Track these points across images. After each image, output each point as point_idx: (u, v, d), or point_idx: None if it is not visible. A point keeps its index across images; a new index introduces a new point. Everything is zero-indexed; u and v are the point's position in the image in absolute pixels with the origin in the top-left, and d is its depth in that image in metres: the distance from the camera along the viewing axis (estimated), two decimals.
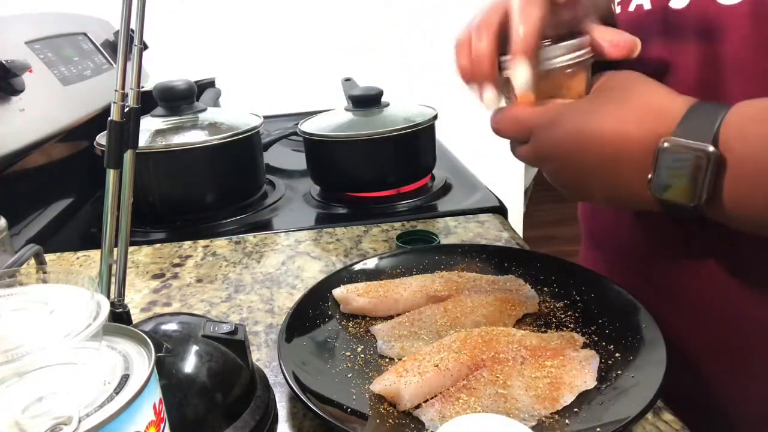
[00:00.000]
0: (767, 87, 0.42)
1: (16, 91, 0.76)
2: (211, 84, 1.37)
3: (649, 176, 0.40)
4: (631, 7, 0.51)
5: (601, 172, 0.43)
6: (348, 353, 0.51)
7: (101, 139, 0.88)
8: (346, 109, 0.94)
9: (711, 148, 0.37)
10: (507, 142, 0.50)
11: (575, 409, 0.42)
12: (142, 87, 0.42)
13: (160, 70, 1.29)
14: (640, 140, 0.40)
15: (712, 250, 0.50)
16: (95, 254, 0.78)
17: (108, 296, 0.41)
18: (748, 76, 0.44)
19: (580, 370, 0.45)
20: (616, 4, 0.54)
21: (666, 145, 0.38)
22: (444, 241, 0.74)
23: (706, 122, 0.38)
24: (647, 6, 0.50)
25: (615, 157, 0.41)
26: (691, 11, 0.46)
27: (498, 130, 0.49)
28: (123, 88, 0.39)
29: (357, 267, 0.62)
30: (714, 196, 0.38)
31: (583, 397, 0.43)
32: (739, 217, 0.39)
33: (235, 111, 0.97)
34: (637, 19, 0.51)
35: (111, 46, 1.20)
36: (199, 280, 0.69)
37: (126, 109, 0.40)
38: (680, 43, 0.47)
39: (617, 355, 0.47)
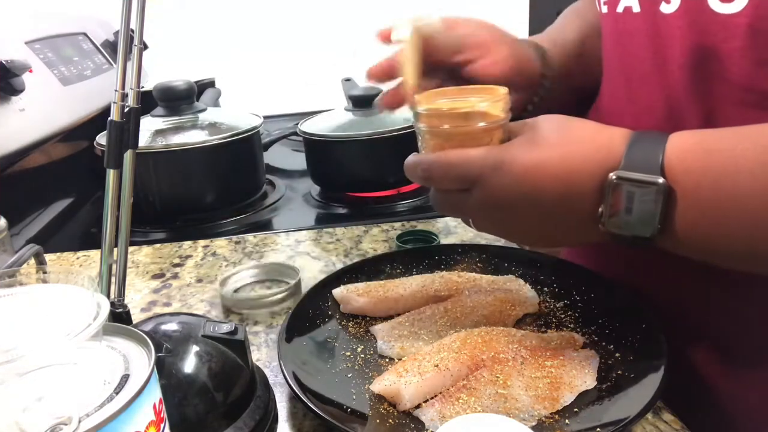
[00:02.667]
0: (759, 102, 0.42)
1: (16, 91, 0.77)
2: (211, 84, 1.37)
3: (600, 210, 0.40)
4: (620, 8, 0.50)
5: (553, 211, 0.42)
6: (348, 353, 0.51)
7: (101, 139, 0.88)
8: (346, 109, 0.94)
9: (661, 180, 0.38)
10: None
11: (575, 409, 0.42)
12: (142, 87, 0.42)
13: (160, 70, 1.29)
14: (588, 175, 0.40)
15: None
16: (95, 254, 0.78)
17: (108, 296, 0.41)
18: (740, 89, 0.43)
19: (580, 370, 0.45)
20: (602, 3, 0.54)
21: (614, 178, 0.39)
22: (444, 241, 0.74)
23: (651, 154, 0.39)
24: (636, 9, 0.49)
25: (565, 194, 0.41)
26: (682, 16, 0.44)
27: (431, 179, 0.44)
28: (123, 88, 0.39)
29: (357, 267, 0.62)
30: (666, 227, 0.39)
31: (583, 397, 0.43)
32: (690, 247, 0.40)
33: (235, 111, 0.97)
34: (625, 22, 0.50)
35: (111, 46, 1.20)
36: (199, 280, 0.69)
37: (126, 109, 0.40)
38: (668, 49, 0.46)
39: (617, 355, 0.47)
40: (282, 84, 1.66)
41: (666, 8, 0.46)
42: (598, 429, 0.39)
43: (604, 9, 0.53)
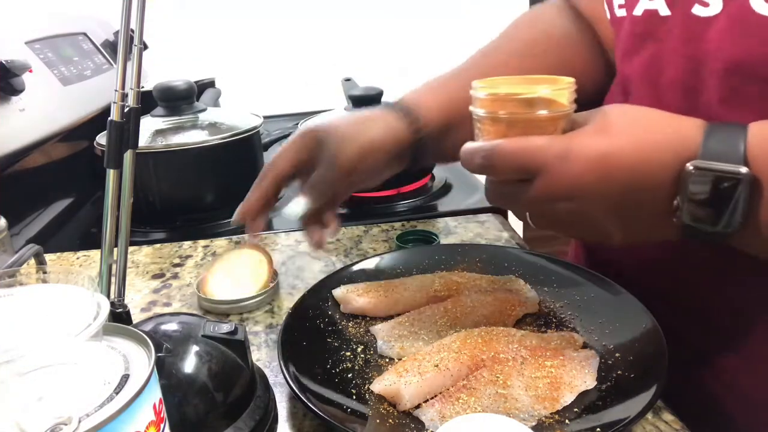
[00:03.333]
0: None
1: (16, 91, 0.76)
2: (211, 84, 1.37)
3: (675, 202, 0.38)
4: (638, 11, 0.50)
5: (623, 204, 0.39)
6: (348, 353, 0.51)
7: (101, 139, 0.88)
8: (346, 109, 0.94)
9: (744, 170, 0.36)
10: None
11: (575, 409, 0.42)
12: (142, 87, 0.42)
13: (160, 70, 1.29)
14: (662, 165, 0.38)
15: (710, 248, 0.49)
16: (95, 254, 0.78)
17: (108, 296, 0.41)
18: None
19: (580, 370, 0.45)
20: (617, 7, 0.53)
21: (692, 169, 0.37)
22: (444, 241, 0.74)
23: (731, 143, 0.36)
24: (664, 11, 0.47)
25: (637, 184, 0.38)
26: (721, 19, 0.43)
27: (491, 167, 0.41)
28: (123, 88, 0.39)
29: (357, 267, 0.62)
30: (748, 221, 0.37)
31: (583, 397, 0.43)
32: None
33: (235, 111, 0.97)
34: (648, 25, 0.49)
35: (111, 46, 1.20)
36: None
37: (126, 109, 0.40)
38: (704, 53, 0.45)
39: (617, 355, 0.47)
40: (282, 84, 1.66)
41: (702, 11, 0.44)
42: (598, 429, 0.39)
43: (621, 12, 0.52)
